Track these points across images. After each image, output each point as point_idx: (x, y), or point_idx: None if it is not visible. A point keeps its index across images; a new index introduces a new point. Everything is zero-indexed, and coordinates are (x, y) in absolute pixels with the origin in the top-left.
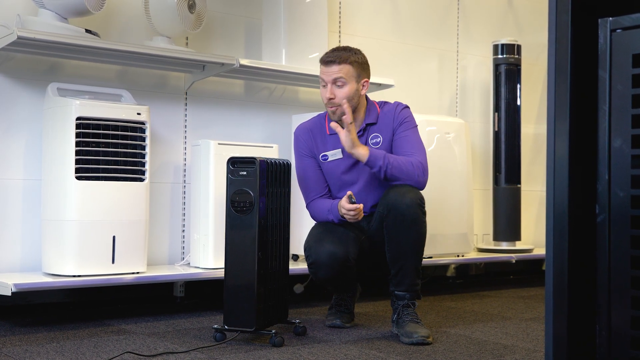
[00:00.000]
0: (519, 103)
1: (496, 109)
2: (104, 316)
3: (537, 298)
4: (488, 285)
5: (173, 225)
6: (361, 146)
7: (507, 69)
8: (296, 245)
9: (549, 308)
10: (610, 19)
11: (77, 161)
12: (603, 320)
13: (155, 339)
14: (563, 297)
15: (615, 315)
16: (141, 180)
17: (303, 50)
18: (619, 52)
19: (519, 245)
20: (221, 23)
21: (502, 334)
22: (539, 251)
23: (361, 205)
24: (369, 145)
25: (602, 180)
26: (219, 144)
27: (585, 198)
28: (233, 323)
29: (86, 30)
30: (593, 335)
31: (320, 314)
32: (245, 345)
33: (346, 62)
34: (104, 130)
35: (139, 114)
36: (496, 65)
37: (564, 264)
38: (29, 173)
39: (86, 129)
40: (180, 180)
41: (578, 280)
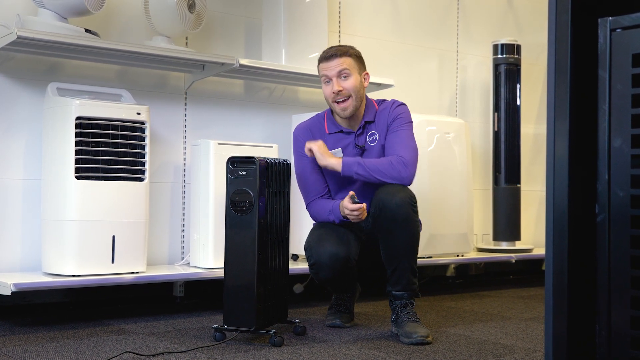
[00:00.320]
0: (518, 103)
1: (496, 109)
2: (104, 316)
3: (537, 298)
4: (488, 285)
5: (173, 225)
6: (332, 157)
7: (507, 69)
8: (296, 245)
9: (548, 308)
10: (610, 18)
11: (77, 161)
12: (603, 320)
13: (155, 339)
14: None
15: (615, 315)
16: (141, 180)
17: (303, 50)
18: (619, 52)
19: (518, 245)
20: (221, 23)
21: (502, 334)
22: (539, 251)
23: (364, 205)
24: (367, 143)
25: (602, 180)
26: (219, 143)
27: (585, 198)
28: (233, 323)
29: (86, 30)
30: (593, 335)
31: (320, 313)
32: (245, 345)
33: (346, 55)
34: (103, 130)
35: (138, 113)
36: (496, 65)
37: (563, 263)
38: (29, 173)
39: (86, 128)
40: (180, 180)
41: (578, 280)
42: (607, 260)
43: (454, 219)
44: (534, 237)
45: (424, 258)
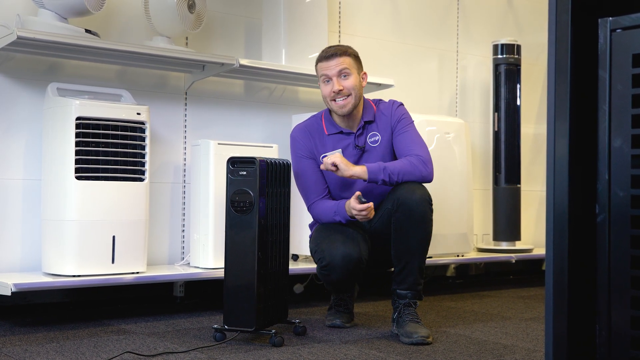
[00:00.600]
0: (518, 103)
1: (496, 109)
2: (104, 316)
3: (537, 298)
4: (488, 285)
5: (173, 225)
6: (356, 166)
7: (507, 69)
8: (296, 245)
9: (549, 308)
10: (610, 18)
11: (77, 161)
12: (603, 320)
13: (155, 339)
14: (563, 297)
15: (615, 315)
16: (141, 180)
17: (303, 50)
18: (619, 52)
19: (518, 245)
20: (221, 23)
21: (502, 334)
22: (539, 251)
23: (372, 204)
24: (368, 144)
25: (602, 180)
26: (219, 144)
27: (585, 198)
28: (233, 323)
29: (86, 30)
30: (593, 335)
31: (320, 314)
32: (245, 345)
33: (346, 54)
34: (103, 130)
35: (138, 113)
36: (496, 65)
37: (564, 263)
38: (29, 173)
39: (86, 129)
40: (180, 180)
41: (578, 280)
42: (607, 260)
43: (454, 219)
44: (534, 237)
45: None
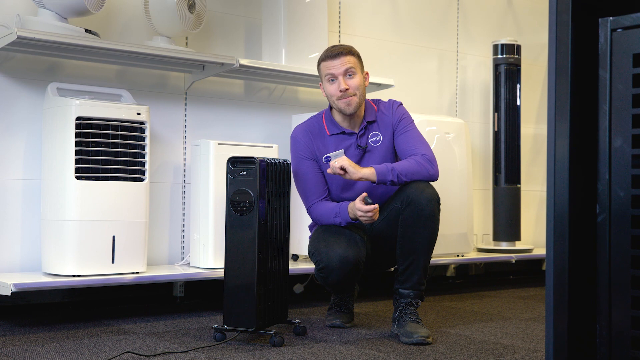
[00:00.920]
0: (518, 103)
1: (496, 109)
2: (104, 316)
3: (537, 298)
4: (488, 285)
5: (173, 225)
6: (364, 168)
7: (507, 69)
8: (296, 245)
9: (549, 308)
10: (611, 18)
11: (77, 161)
12: (603, 320)
13: (155, 339)
14: (563, 297)
15: (615, 315)
16: (141, 180)
17: (303, 50)
18: (620, 52)
19: (518, 245)
20: (221, 23)
21: (502, 334)
22: (539, 251)
23: (377, 206)
24: (370, 144)
25: (603, 180)
26: (219, 144)
27: (585, 198)
28: (233, 323)
29: (86, 30)
30: (593, 335)
31: (320, 314)
32: (245, 345)
33: (350, 54)
34: (103, 130)
35: (138, 113)
36: (496, 65)
37: (564, 263)
38: (29, 173)
39: (86, 128)
40: (180, 180)
41: (578, 280)
42: (608, 260)
43: (454, 219)
44: (534, 237)
45: None
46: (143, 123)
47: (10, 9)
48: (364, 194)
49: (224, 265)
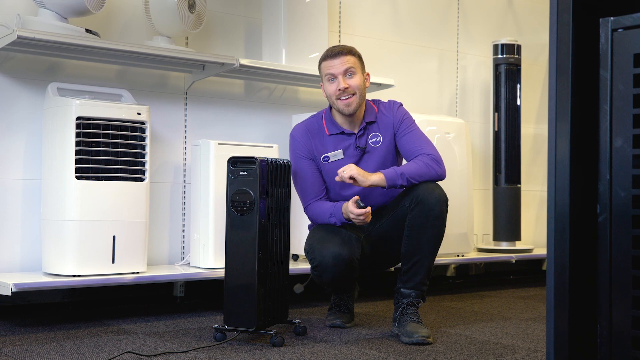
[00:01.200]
0: (518, 103)
1: (496, 109)
2: (104, 316)
3: (537, 298)
4: (488, 285)
5: (173, 225)
6: (373, 174)
7: (507, 69)
8: (296, 245)
9: (550, 308)
10: (612, 18)
11: (77, 161)
12: (604, 320)
13: (155, 339)
14: (564, 297)
15: (616, 315)
16: (141, 180)
17: (303, 50)
18: (620, 52)
19: (518, 245)
20: (221, 23)
21: (503, 334)
22: (539, 251)
23: (369, 209)
24: (369, 145)
25: (604, 180)
26: (219, 143)
27: (586, 198)
28: (233, 323)
29: (86, 30)
30: (594, 335)
31: (320, 314)
32: (246, 345)
33: (351, 54)
34: (104, 130)
35: (139, 113)
36: (496, 65)
37: (565, 263)
38: (29, 173)
39: (86, 128)
40: (180, 180)
41: (579, 280)
42: (609, 260)
43: (454, 219)
44: (534, 237)
45: None
46: (143, 123)
47: (11, 9)
48: (356, 197)
49: (224, 265)
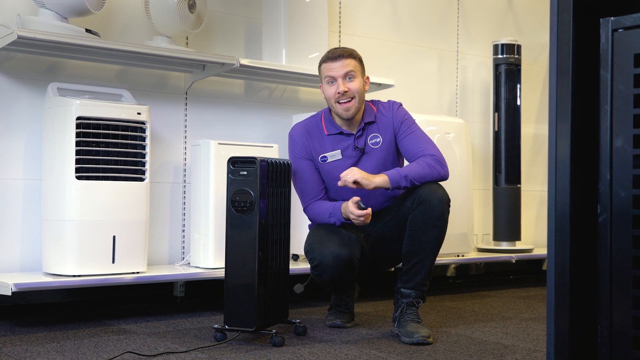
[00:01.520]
0: (519, 103)
1: (496, 109)
2: (104, 316)
3: (537, 298)
4: (488, 285)
5: (173, 225)
6: (377, 176)
7: (507, 69)
8: (296, 245)
9: (550, 308)
10: (612, 18)
11: (77, 161)
12: (605, 320)
13: (155, 339)
14: (565, 297)
15: (617, 315)
16: (141, 180)
17: (303, 50)
18: (621, 52)
19: (519, 245)
20: (221, 23)
21: (503, 334)
22: (539, 251)
23: (370, 210)
24: (368, 145)
25: (604, 180)
26: (219, 143)
27: (586, 198)
28: (233, 323)
29: (86, 30)
30: (595, 335)
31: (321, 313)
32: (246, 345)
33: (352, 57)
34: (104, 130)
35: (139, 113)
36: (496, 65)
37: (565, 263)
38: (29, 173)
39: (86, 128)
40: (180, 180)
41: (580, 280)
42: (609, 261)
43: (454, 219)
44: (534, 237)
45: None
46: (143, 123)
47: (11, 9)
48: (357, 199)
49: (224, 265)
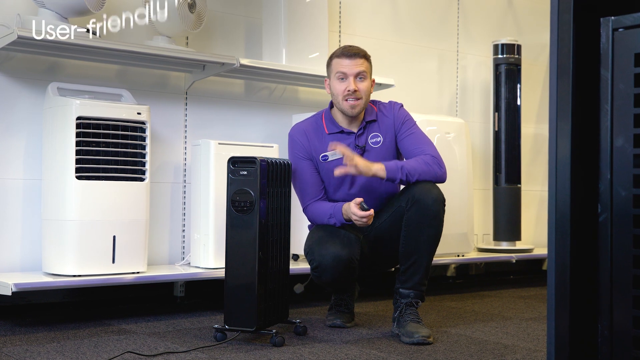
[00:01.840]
0: (519, 103)
1: (496, 108)
2: (104, 316)
3: (538, 298)
4: (488, 285)
5: (173, 225)
6: (374, 164)
7: (507, 68)
8: (296, 245)
9: (550, 307)
10: (612, 18)
11: (78, 161)
12: (605, 320)
13: (155, 339)
14: (565, 297)
15: (617, 314)
16: (141, 180)
17: (303, 50)
18: (621, 52)
19: (519, 245)
20: (221, 23)
21: (503, 334)
22: (539, 251)
23: (372, 211)
24: (369, 144)
25: (604, 180)
26: (219, 143)
27: (587, 197)
28: (234, 323)
29: (86, 29)
30: (595, 335)
31: (321, 313)
32: (246, 345)
33: (365, 58)
34: (104, 130)
35: (139, 113)
36: (496, 65)
37: (565, 263)
38: (29, 173)
39: (86, 128)
40: (180, 180)
41: (580, 280)
42: (610, 260)
43: (454, 218)
44: (534, 237)
45: None
46: (143, 123)
47: (10, 8)
48: (360, 199)
49: (224, 265)
